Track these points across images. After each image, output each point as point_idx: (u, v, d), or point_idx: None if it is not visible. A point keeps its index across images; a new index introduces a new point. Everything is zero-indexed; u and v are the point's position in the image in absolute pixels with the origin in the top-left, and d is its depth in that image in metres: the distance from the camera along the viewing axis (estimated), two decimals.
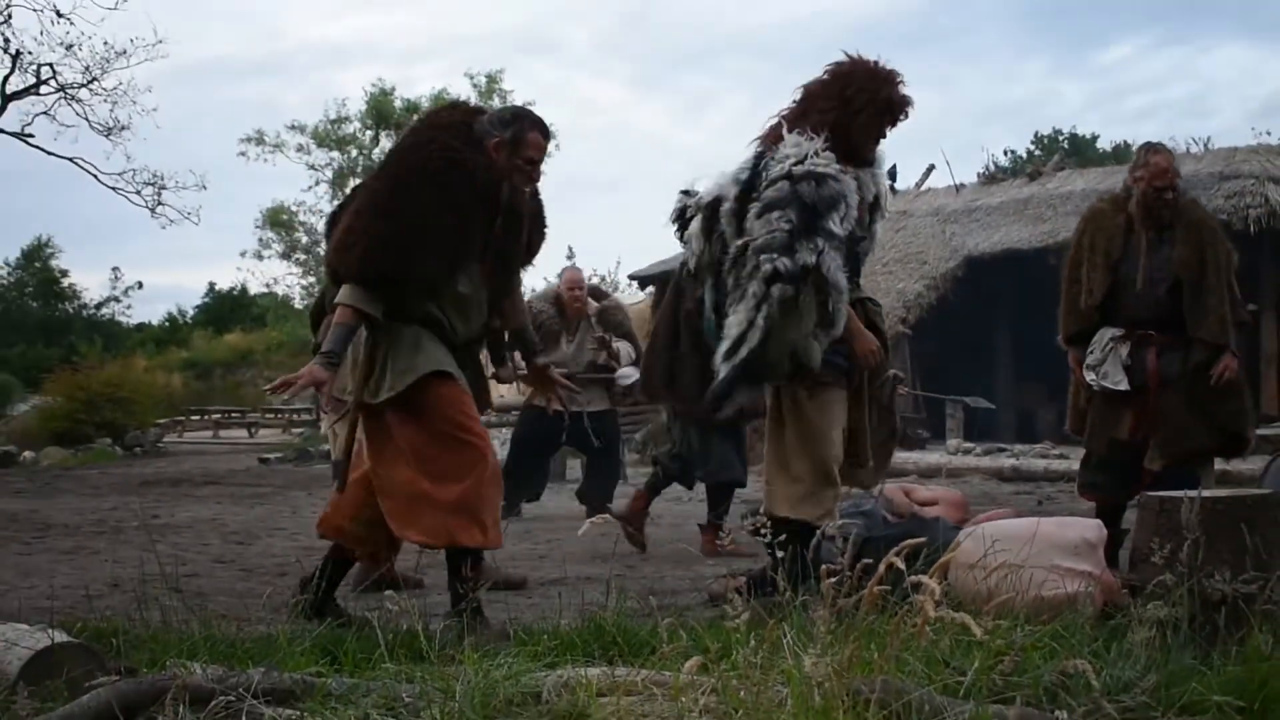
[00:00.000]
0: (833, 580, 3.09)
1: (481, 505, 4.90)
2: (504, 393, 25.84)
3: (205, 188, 26.94)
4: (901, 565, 3.03)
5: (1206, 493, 4.21)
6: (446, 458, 4.90)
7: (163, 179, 24.59)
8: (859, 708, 2.82)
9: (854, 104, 5.19)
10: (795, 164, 4.95)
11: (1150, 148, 6.39)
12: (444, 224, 4.87)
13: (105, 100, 23.54)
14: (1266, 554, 4.06)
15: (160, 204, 24.45)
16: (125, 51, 23.70)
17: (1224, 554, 4.00)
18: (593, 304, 9.98)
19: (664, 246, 23.74)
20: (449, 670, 3.48)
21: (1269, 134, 19.23)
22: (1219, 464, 7.15)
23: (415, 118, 4.97)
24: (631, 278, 24.28)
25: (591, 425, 9.57)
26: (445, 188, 4.87)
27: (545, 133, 5.13)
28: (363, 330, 5.01)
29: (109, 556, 7.62)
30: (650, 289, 21.38)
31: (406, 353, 4.95)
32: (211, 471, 15.98)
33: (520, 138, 5.01)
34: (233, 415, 28.96)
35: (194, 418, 28.49)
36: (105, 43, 28.78)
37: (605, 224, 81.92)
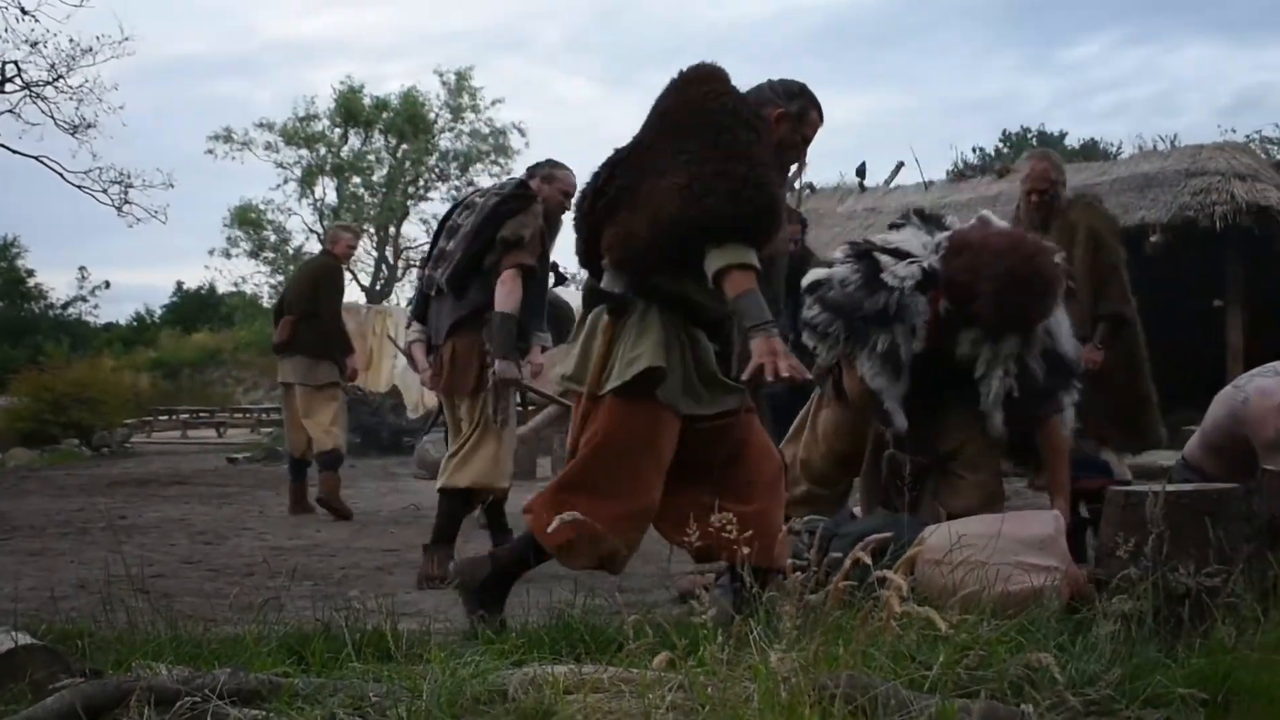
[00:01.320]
0: (798, 576, 3.10)
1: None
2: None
3: (173, 186, 26.71)
4: (868, 560, 3.04)
5: (1171, 487, 4.23)
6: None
7: (129, 177, 24.40)
8: (825, 703, 2.82)
9: None
10: None
11: (1032, 154, 6.61)
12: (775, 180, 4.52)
13: (71, 98, 23.35)
14: (1230, 547, 4.10)
15: (127, 202, 24.27)
16: (91, 49, 23.50)
17: (1188, 548, 4.03)
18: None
19: None
20: (416, 669, 3.47)
21: (1234, 131, 19.40)
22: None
23: (677, 79, 4.23)
24: None
25: None
26: (766, 145, 4.54)
27: (822, 116, 4.90)
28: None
29: (75, 558, 7.58)
30: None
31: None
32: (179, 472, 15.90)
33: (805, 113, 4.79)
34: (201, 415, 28.80)
35: (162, 418, 28.30)
36: (71, 40, 28.55)
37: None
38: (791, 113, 4.74)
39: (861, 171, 21.33)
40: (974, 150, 44.29)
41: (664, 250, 4.29)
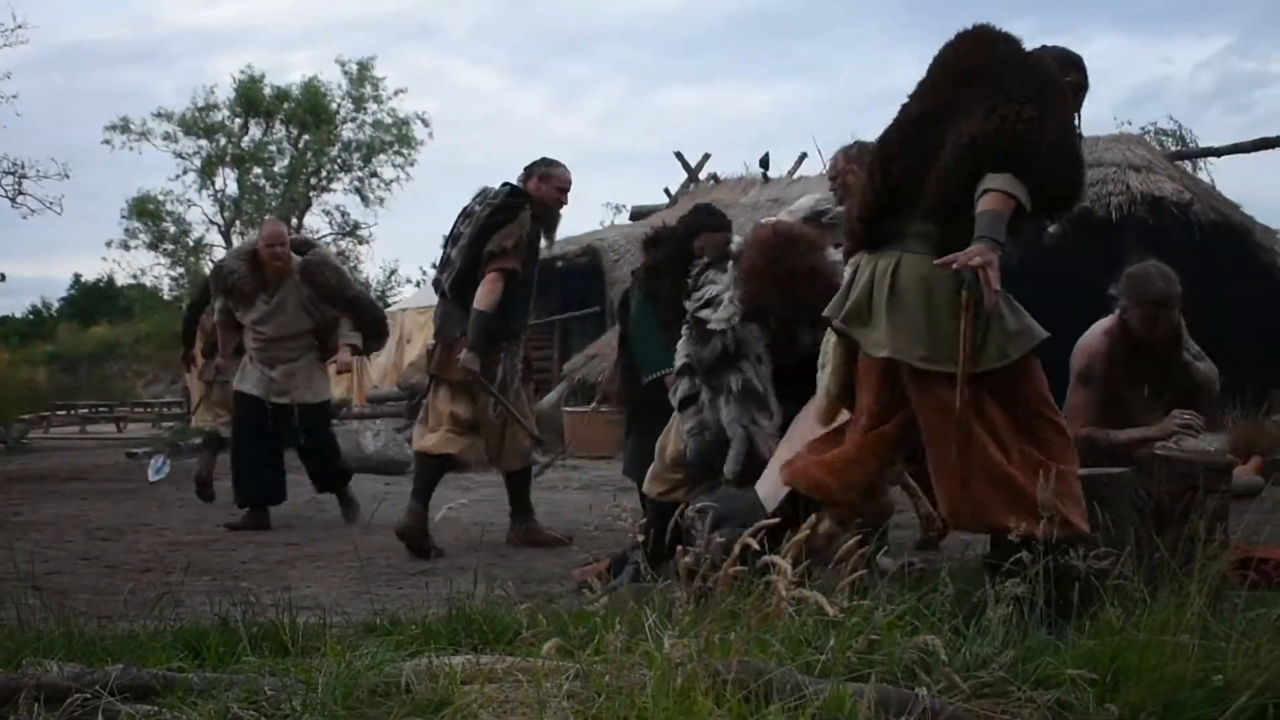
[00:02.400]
0: (688, 560, 3.12)
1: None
2: (377, 382, 25.68)
3: (68, 176, 26.18)
4: (756, 546, 3.06)
5: None
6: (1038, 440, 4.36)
7: (23, 167, 24.01)
8: (718, 688, 2.85)
9: None
10: None
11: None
12: None
13: None
14: (1117, 531, 4.17)
15: (21, 193, 23.88)
16: None
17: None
18: (296, 259, 9.10)
19: None
20: (311, 663, 3.46)
21: (1130, 124, 19.69)
22: None
23: (962, 38, 4.03)
24: None
25: (301, 421, 9.08)
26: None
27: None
28: None
29: None
30: None
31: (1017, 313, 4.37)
32: (77, 467, 15.62)
33: (1081, 87, 4.73)
34: (100, 410, 28.37)
35: (60, 412, 27.87)
36: None
37: None
38: (1079, 84, 4.70)
39: (765, 162, 21.46)
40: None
41: (961, 176, 4.18)
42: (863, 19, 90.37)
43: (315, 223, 41.95)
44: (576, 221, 47.00)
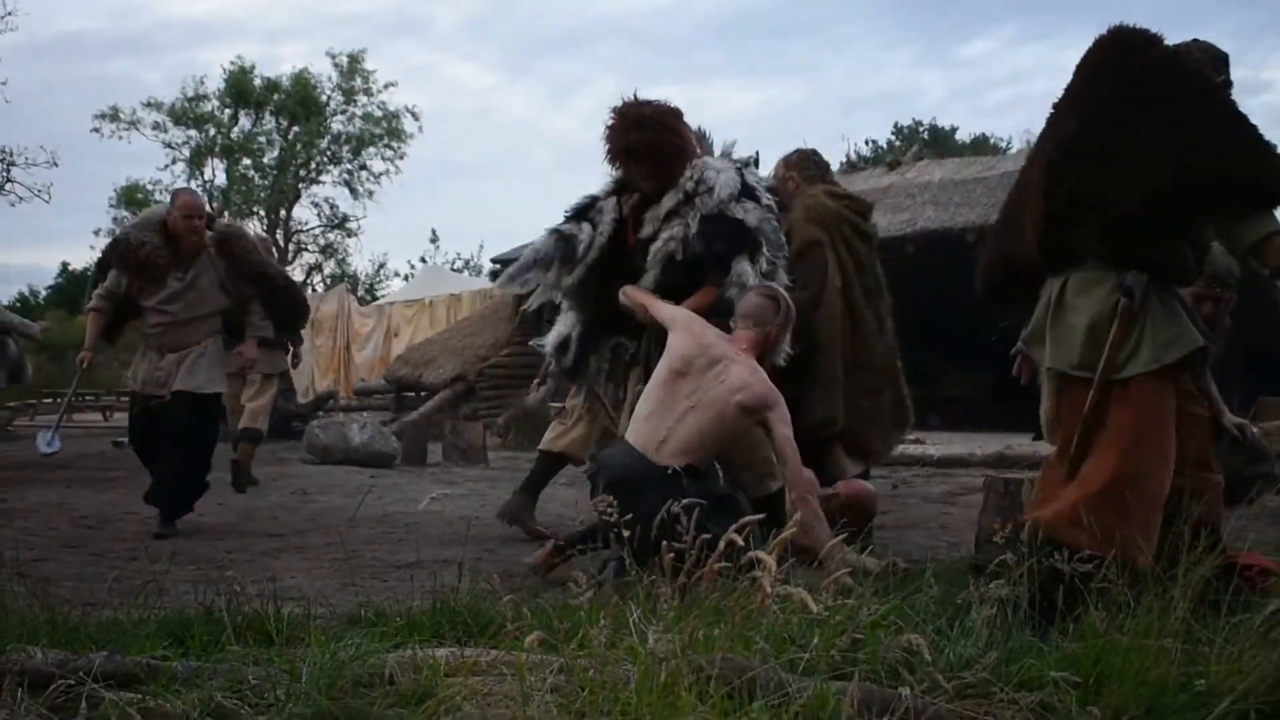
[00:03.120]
0: (672, 555, 3.13)
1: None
2: (364, 376, 25.67)
3: (57, 165, 26.33)
4: (740, 542, 3.07)
5: None
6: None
7: (11, 155, 24.02)
8: (702, 684, 2.85)
9: None
10: None
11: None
12: None
13: None
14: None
15: (10, 180, 23.90)
16: None
17: None
18: (208, 233, 8.25)
19: (527, 231, 23.81)
20: (296, 652, 3.45)
21: None
22: None
23: (1105, 46, 3.99)
24: (495, 261, 24.32)
25: (180, 413, 8.00)
26: None
27: None
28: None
29: None
30: None
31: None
32: (63, 455, 15.60)
33: (1228, 84, 4.61)
34: (86, 398, 28.29)
35: (46, 400, 27.78)
36: None
37: (470, 208, 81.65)
38: (1227, 81, 4.64)
39: (755, 163, 21.42)
40: (867, 143, 44.77)
41: (1158, 218, 4.15)
42: (853, 19, 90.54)
43: (304, 214, 41.96)
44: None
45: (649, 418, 5.54)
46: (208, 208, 8.74)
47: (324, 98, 41.28)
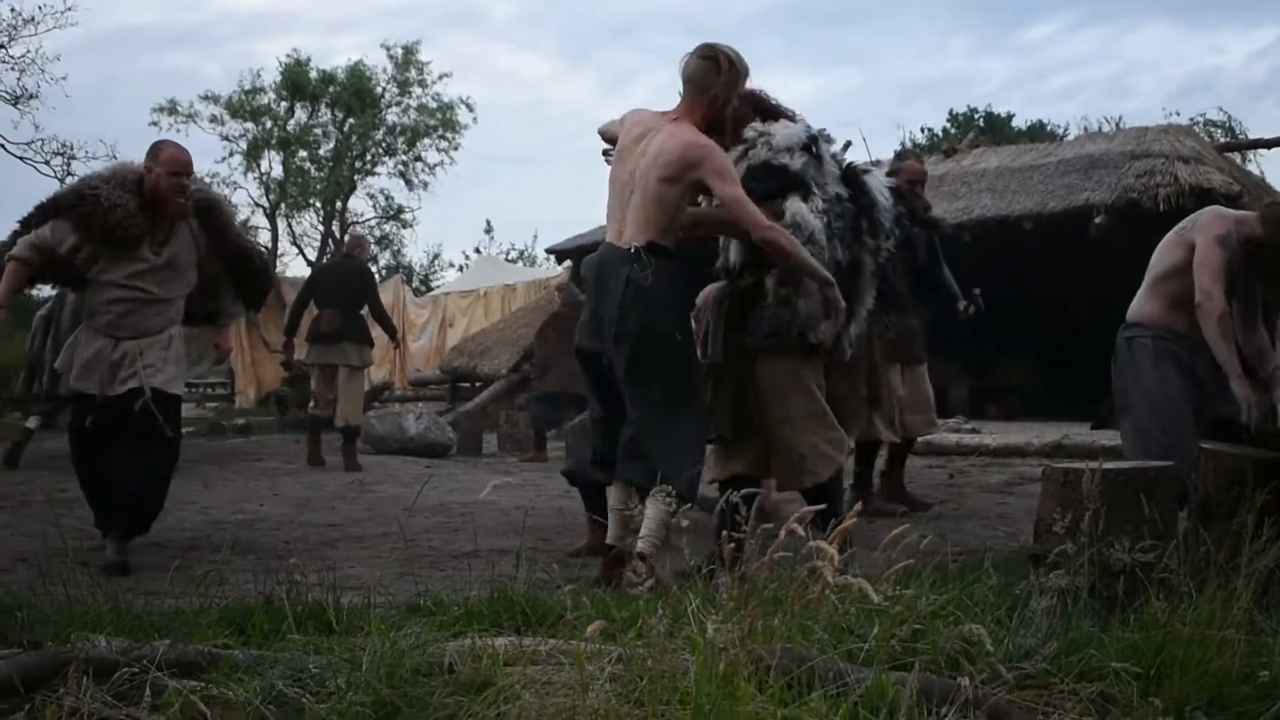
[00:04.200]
0: (733, 546, 3.12)
1: None
2: (419, 366, 25.74)
3: (116, 158, 26.38)
4: (803, 532, 3.06)
5: (1108, 465, 4.28)
6: None
7: (72, 149, 24.24)
8: (761, 674, 2.85)
9: None
10: None
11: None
12: None
13: (12, 68, 23.19)
14: (1164, 524, 4.15)
15: (70, 174, 24.08)
16: (34, 19, 23.35)
17: (1124, 524, 4.08)
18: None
19: (582, 221, 23.82)
20: (356, 641, 3.47)
21: (1179, 114, 19.54)
22: None
23: None
24: (549, 252, 24.33)
25: (141, 418, 6.40)
26: None
27: None
28: None
29: (14, 531, 7.52)
30: (568, 263, 21.42)
31: None
32: None
33: None
34: None
35: None
36: (12, 9, 28.28)
37: (523, 198, 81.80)
38: None
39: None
40: (922, 130, 44.46)
41: None
42: (912, 6, 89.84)
43: (359, 206, 42.10)
44: None
45: (610, 215, 5.61)
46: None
47: (379, 89, 41.39)
